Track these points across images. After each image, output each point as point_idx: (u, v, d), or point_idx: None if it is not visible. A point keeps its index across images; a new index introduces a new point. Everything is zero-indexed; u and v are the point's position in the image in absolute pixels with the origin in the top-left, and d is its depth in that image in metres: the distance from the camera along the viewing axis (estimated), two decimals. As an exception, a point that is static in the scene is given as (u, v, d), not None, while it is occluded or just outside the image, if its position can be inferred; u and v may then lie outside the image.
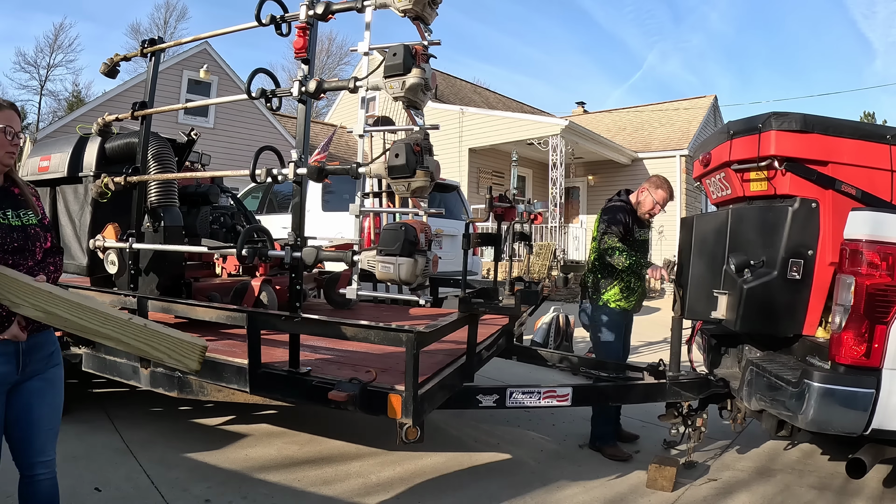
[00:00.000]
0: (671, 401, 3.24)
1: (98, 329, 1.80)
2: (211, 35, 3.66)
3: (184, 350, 1.78)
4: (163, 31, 30.68)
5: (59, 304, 1.78)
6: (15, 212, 1.91)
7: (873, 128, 2.84)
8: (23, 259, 1.87)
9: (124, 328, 1.80)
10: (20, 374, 1.87)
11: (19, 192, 1.98)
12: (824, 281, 2.64)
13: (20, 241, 1.87)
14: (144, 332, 1.80)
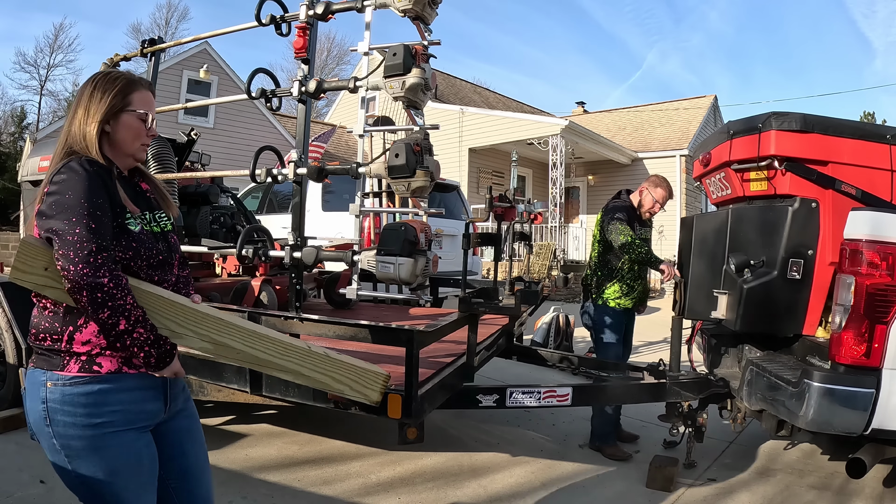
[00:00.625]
0: (671, 401, 3.24)
1: (277, 362, 1.50)
2: (211, 35, 3.66)
3: (366, 381, 1.57)
4: (164, 32, 30.69)
5: (231, 333, 1.46)
6: (152, 214, 1.51)
7: (873, 128, 2.84)
8: (165, 275, 1.48)
9: (305, 359, 1.52)
10: (167, 413, 1.49)
11: (149, 190, 1.57)
12: (824, 281, 2.64)
13: (164, 252, 1.48)
14: (326, 362, 1.55)
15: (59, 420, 1.30)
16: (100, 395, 1.32)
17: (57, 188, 1.29)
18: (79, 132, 1.38)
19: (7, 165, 24.25)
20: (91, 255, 1.25)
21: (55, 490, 2.71)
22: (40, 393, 1.31)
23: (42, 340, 1.33)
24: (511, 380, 4.62)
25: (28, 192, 4.38)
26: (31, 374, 1.34)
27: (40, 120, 28.69)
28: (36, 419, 1.32)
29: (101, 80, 1.43)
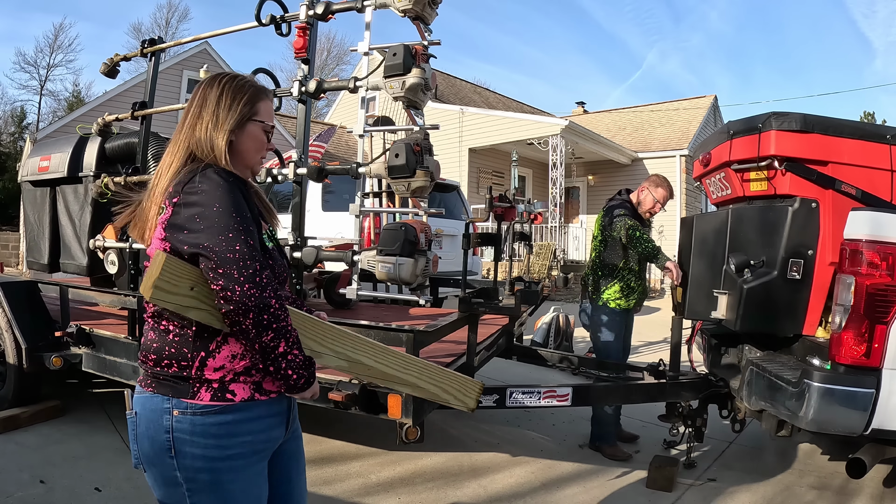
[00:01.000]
0: (671, 401, 3.24)
1: (400, 375, 1.52)
2: (211, 35, 3.67)
3: (467, 390, 1.61)
4: (164, 32, 30.70)
5: (363, 350, 1.48)
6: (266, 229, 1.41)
7: (873, 128, 2.84)
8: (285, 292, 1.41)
9: (422, 372, 1.56)
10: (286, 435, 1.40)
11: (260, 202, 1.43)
12: (824, 281, 2.64)
13: (286, 268, 1.42)
14: (439, 374, 1.59)
15: (187, 452, 1.20)
16: (233, 426, 1.23)
17: (199, 199, 1.18)
18: (206, 139, 1.28)
19: (7, 165, 24.26)
20: (256, 275, 1.16)
21: (55, 490, 2.72)
22: (164, 422, 1.20)
23: (166, 367, 1.22)
24: (511, 380, 4.62)
25: (28, 192, 4.38)
26: (149, 400, 1.23)
27: (40, 120, 28.69)
28: (156, 449, 1.22)
29: (230, 84, 1.32)
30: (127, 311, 3.24)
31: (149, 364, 1.25)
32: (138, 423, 1.24)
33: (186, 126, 1.30)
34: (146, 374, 1.26)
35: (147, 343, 1.27)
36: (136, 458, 1.26)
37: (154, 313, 1.26)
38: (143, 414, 1.24)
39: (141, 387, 1.27)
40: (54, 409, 3.66)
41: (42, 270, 4.35)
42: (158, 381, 1.24)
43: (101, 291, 3.54)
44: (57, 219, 4.16)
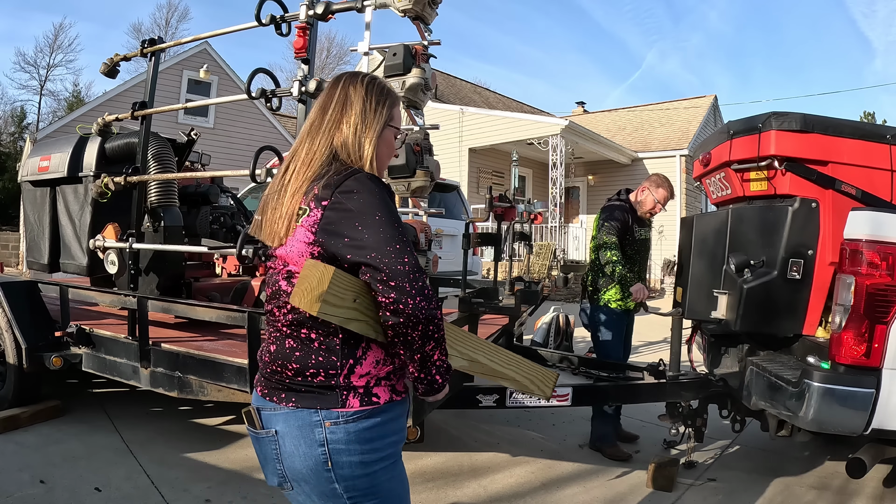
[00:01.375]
0: (671, 401, 3.24)
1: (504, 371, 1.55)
2: (211, 35, 3.67)
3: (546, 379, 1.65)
4: (164, 32, 30.70)
5: (480, 349, 1.51)
6: None
7: (873, 128, 2.84)
8: None
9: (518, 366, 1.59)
10: None
11: None
12: (824, 281, 2.64)
13: None
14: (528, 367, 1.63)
15: (344, 462, 1.18)
16: (381, 428, 1.23)
17: (358, 207, 1.14)
18: (354, 142, 1.24)
19: (7, 165, 24.26)
20: (425, 287, 1.13)
21: (55, 490, 2.72)
22: (316, 435, 1.17)
23: (311, 377, 1.19)
24: (511, 380, 4.60)
25: (28, 192, 4.37)
26: (293, 416, 1.19)
27: (40, 120, 28.69)
28: (311, 465, 1.18)
29: (372, 86, 1.29)
30: (127, 311, 3.24)
31: (286, 375, 1.20)
32: (283, 442, 1.20)
33: (327, 125, 1.25)
34: (281, 386, 1.21)
35: (285, 353, 1.21)
36: (281, 478, 1.22)
37: (293, 321, 1.20)
38: (289, 431, 1.19)
39: (273, 402, 1.21)
40: (54, 409, 3.66)
41: (42, 270, 4.35)
42: (300, 393, 1.19)
43: (101, 291, 3.54)
44: (57, 219, 4.16)
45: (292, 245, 1.19)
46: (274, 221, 1.22)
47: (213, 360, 2.81)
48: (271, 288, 1.25)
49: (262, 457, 1.26)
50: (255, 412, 1.24)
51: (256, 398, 1.27)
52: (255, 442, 1.27)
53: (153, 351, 3.01)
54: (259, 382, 1.28)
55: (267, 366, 1.24)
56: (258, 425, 1.23)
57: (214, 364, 2.79)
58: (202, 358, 2.85)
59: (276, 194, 1.24)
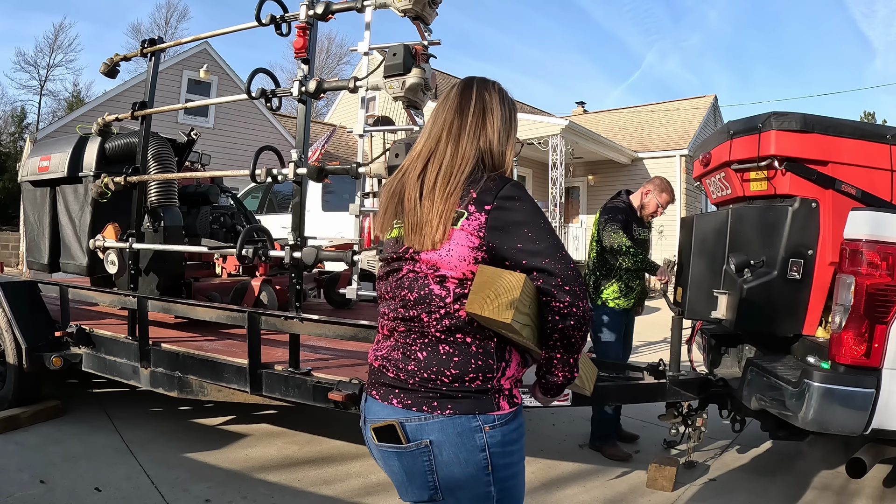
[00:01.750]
0: (671, 401, 3.24)
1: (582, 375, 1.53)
2: (211, 35, 3.66)
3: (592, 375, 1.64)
4: (164, 31, 30.70)
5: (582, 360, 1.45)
6: None
7: (873, 128, 2.84)
8: None
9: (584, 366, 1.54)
10: None
11: None
12: (824, 281, 2.64)
13: None
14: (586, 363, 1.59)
15: (501, 464, 1.18)
16: (521, 429, 1.24)
17: (524, 214, 1.16)
18: (498, 150, 1.25)
19: (7, 165, 24.26)
20: (586, 291, 1.18)
21: (55, 490, 2.72)
22: (477, 441, 1.16)
23: (469, 381, 1.16)
24: (511, 380, 4.61)
25: (28, 192, 4.37)
26: (451, 423, 1.15)
27: (40, 120, 28.69)
28: (473, 471, 1.16)
29: (506, 97, 1.30)
30: (127, 311, 3.24)
31: (442, 381, 1.17)
32: (438, 452, 1.16)
33: (470, 129, 1.24)
34: (433, 395, 1.17)
35: (440, 359, 1.17)
36: (433, 490, 1.18)
37: (450, 327, 1.17)
38: (447, 439, 1.15)
39: (423, 412, 1.17)
40: (54, 409, 3.66)
41: (42, 270, 4.35)
42: (456, 399, 1.16)
43: (101, 291, 3.54)
44: (57, 219, 4.16)
45: (450, 249, 1.16)
46: (426, 224, 1.17)
47: (213, 360, 2.81)
48: (416, 293, 1.19)
49: (405, 472, 1.20)
50: (399, 426, 1.18)
51: (392, 411, 1.20)
52: (394, 458, 1.21)
53: (153, 351, 3.02)
54: (391, 395, 1.21)
55: (412, 375, 1.18)
56: (404, 439, 1.18)
57: (214, 364, 2.79)
58: (202, 358, 2.85)
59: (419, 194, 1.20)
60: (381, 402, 1.22)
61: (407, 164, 1.28)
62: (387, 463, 1.24)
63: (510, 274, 1.12)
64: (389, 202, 1.26)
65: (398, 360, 1.21)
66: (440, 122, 1.26)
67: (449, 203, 1.16)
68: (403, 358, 1.20)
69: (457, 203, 1.16)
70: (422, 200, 1.18)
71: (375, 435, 1.22)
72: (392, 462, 1.22)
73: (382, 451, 1.23)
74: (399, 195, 1.25)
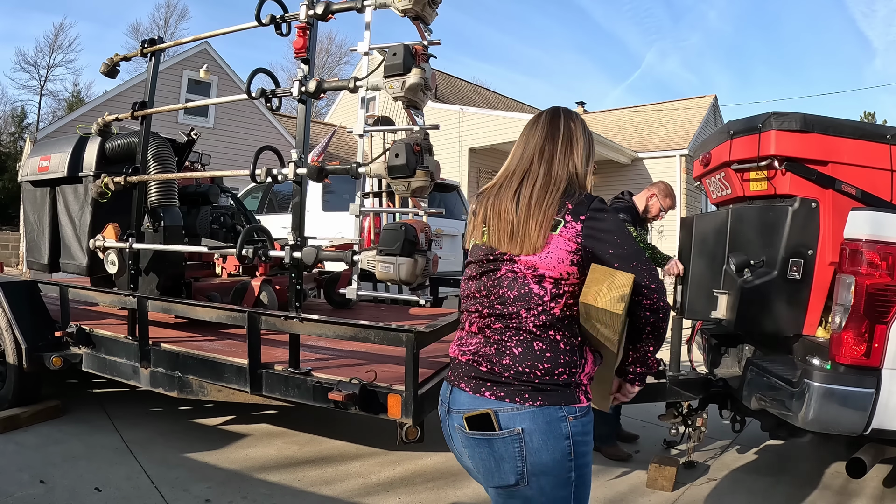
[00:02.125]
0: (671, 401, 3.24)
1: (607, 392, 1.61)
2: (211, 35, 3.66)
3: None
4: (163, 31, 30.71)
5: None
6: None
7: (873, 128, 2.84)
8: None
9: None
10: None
11: None
12: (824, 281, 2.64)
13: None
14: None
15: (581, 451, 1.31)
16: (592, 420, 1.35)
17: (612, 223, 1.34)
18: (582, 173, 1.43)
19: (7, 165, 24.27)
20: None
21: (55, 490, 2.72)
22: (562, 430, 1.28)
23: (558, 375, 1.30)
24: (511, 380, 4.60)
25: (28, 192, 4.37)
26: (540, 413, 1.28)
27: (40, 120, 28.70)
28: (557, 458, 1.28)
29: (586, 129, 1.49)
30: (127, 311, 3.24)
31: (535, 375, 1.28)
32: (529, 439, 1.27)
33: (561, 155, 1.41)
34: (526, 387, 1.28)
35: (535, 354, 1.29)
36: (520, 475, 1.28)
37: (545, 323, 1.30)
38: (536, 428, 1.27)
39: (515, 402, 1.28)
40: (54, 409, 3.66)
41: (42, 270, 4.35)
42: (546, 392, 1.28)
43: (101, 291, 3.54)
44: (57, 219, 4.16)
45: (549, 252, 1.31)
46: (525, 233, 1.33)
47: (213, 360, 2.81)
48: (515, 291, 1.32)
49: (495, 458, 1.30)
50: (493, 415, 1.28)
51: (484, 401, 1.30)
52: (485, 445, 1.30)
53: (153, 351, 3.02)
54: (483, 387, 1.32)
55: (507, 369, 1.30)
56: (497, 427, 1.28)
57: (214, 364, 2.79)
58: (202, 358, 2.86)
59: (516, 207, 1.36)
60: (472, 394, 1.33)
61: (501, 181, 1.44)
62: (475, 450, 1.33)
63: (621, 273, 1.27)
64: (484, 213, 1.42)
65: (491, 355, 1.33)
66: (532, 146, 1.44)
67: (547, 215, 1.32)
68: (497, 353, 1.32)
69: (554, 214, 1.33)
70: (518, 212, 1.35)
71: (467, 423, 1.31)
72: (482, 448, 1.31)
73: (473, 439, 1.32)
74: (495, 208, 1.40)
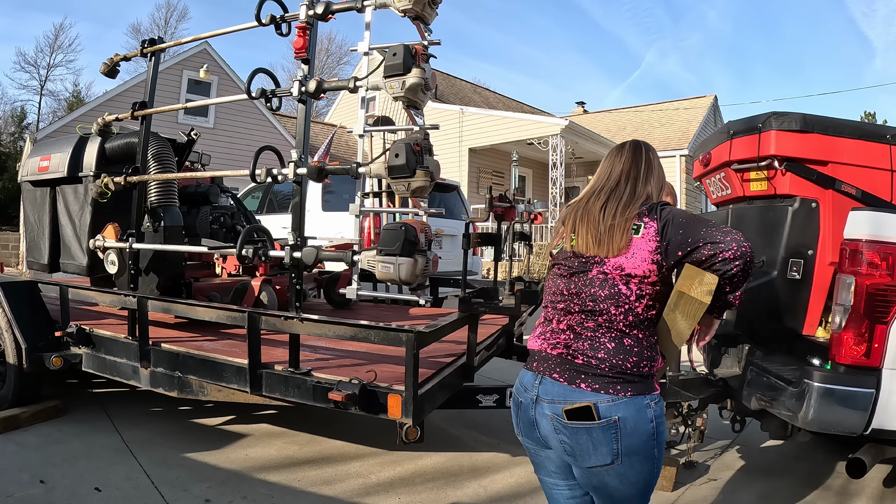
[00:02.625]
0: (671, 401, 3.24)
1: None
2: (211, 35, 3.66)
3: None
4: (163, 31, 30.72)
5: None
6: None
7: (873, 128, 2.84)
8: None
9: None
10: None
11: None
12: (824, 281, 2.64)
13: None
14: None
15: (660, 431, 1.52)
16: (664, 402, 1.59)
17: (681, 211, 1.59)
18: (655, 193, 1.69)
19: (7, 165, 24.27)
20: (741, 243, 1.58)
21: (55, 490, 2.72)
22: (647, 415, 1.49)
23: (642, 367, 1.50)
24: (511, 380, 4.59)
25: (28, 192, 4.37)
26: (632, 402, 1.47)
27: (40, 120, 28.70)
28: (644, 438, 1.49)
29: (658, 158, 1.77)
30: (127, 311, 3.24)
31: (626, 367, 1.49)
32: (623, 425, 1.46)
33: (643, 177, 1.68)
34: (619, 379, 1.48)
35: (626, 349, 1.50)
36: (615, 455, 1.48)
37: (632, 322, 1.51)
38: (629, 415, 1.47)
39: (610, 394, 1.47)
40: (54, 409, 3.66)
41: (42, 270, 4.35)
42: (634, 383, 1.49)
43: (101, 291, 3.54)
44: (57, 219, 4.16)
45: (633, 254, 1.52)
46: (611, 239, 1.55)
47: (213, 360, 2.81)
48: (606, 290, 1.52)
49: (593, 443, 1.48)
50: (594, 407, 1.47)
51: (580, 392, 1.49)
52: (584, 433, 1.48)
53: (153, 351, 3.02)
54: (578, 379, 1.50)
55: (603, 362, 1.49)
56: (597, 416, 1.46)
57: (214, 364, 2.79)
58: (202, 358, 2.86)
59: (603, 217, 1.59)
60: (567, 384, 1.51)
61: (589, 195, 1.69)
62: (573, 437, 1.50)
63: (709, 273, 1.49)
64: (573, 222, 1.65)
65: (586, 349, 1.51)
66: (618, 169, 1.70)
67: (629, 223, 1.55)
68: (591, 348, 1.51)
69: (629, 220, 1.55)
70: (604, 222, 1.58)
71: (566, 414, 1.49)
72: (580, 436, 1.49)
73: (571, 428, 1.49)
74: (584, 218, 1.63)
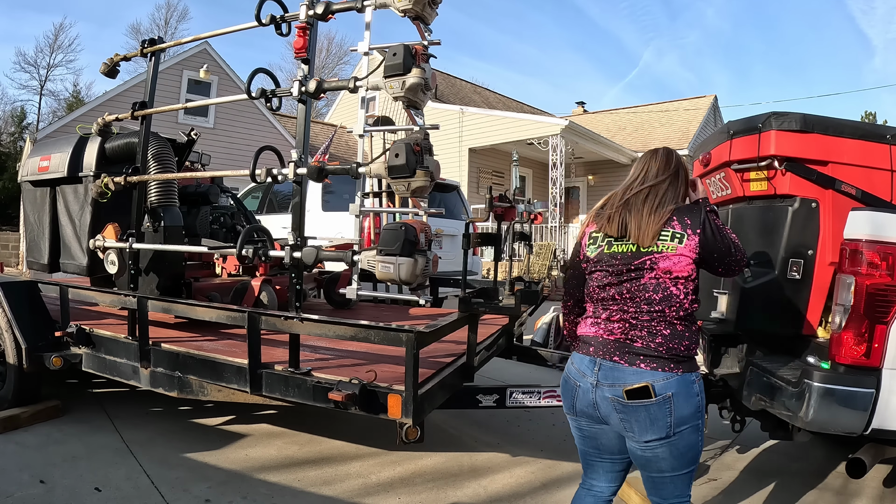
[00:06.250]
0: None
1: None
2: (211, 35, 3.66)
3: None
4: (163, 32, 30.73)
5: None
6: None
7: (873, 128, 2.83)
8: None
9: None
10: None
11: None
12: (824, 281, 2.64)
13: None
14: None
15: (703, 404, 1.76)
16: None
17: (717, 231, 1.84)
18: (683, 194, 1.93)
19: (7, 165, 24.28)
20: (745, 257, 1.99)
21: (55, 490, 2.72)
22: (694, 390, 1.73)
23: (691, 350, 1.75)
24: (511, 380, 4.61)
25: (28, 192, 4.37)
26: (682, 380, 1.71)
27: (40, 120, 28.70)
28: (692, 411, 1.72)
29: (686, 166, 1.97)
30: (127, 311, 3.24)
31: (679, 349, 1.73)
32: (676, 400, 1.69)
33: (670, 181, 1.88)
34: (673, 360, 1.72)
35: (680, 335, 1.74)
36: (668, 428, 1.70)
37: (681, 316, 1.75)
38: (680, 391, 1.70)
39: (666, 372, 1.70)
40: (54, 409, 3.66)
41: (42, 270, 4.35)
42: (684, 362, 1.73)
43: (101, 291, 3.54)
44: (57, 219, 4.16)
45: (678, 260, 1.77)
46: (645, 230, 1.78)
47: (213, 360, 2.81)
48: (660, 294, 1.76)
49: (650, 419, 1.69)
50: (651, 387, 1.68)
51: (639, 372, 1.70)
52: (642, 410, 1.69)
53: (153, 351, 3.02)
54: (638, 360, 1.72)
55: (661, 345, 1.72)
56: (654, 395, 1.68)
57: (214, 364, 2.79)
58: (202, 358, 2.86)
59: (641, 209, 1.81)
60: (627, 366, 1.73)
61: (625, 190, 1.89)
62: (633, 414, 1.71)
63: None
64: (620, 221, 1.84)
65: (644, 336, 1.74)
66: (654, 168, 1.90)
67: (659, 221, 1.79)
68: (649, 335, 1.74)
69: (663, 221, 1.78)
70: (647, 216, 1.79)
71: (627, 395, 1.69)
72: (639, 413, 1.70)
73: (631, 406, 1.70)
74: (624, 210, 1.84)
